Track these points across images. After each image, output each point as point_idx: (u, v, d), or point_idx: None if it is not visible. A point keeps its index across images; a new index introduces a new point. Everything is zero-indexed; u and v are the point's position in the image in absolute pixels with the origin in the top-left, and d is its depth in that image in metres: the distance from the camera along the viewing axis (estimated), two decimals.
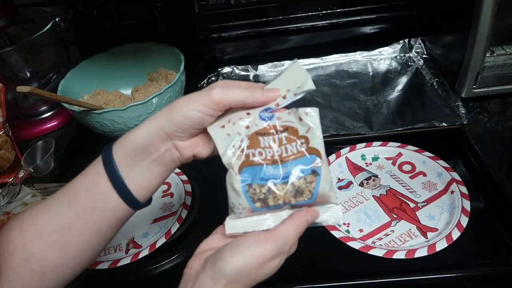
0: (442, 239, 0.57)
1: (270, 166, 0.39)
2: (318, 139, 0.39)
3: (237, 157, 0.39)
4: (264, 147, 0.39)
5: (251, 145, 0.40)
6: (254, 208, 0.39)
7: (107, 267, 0.60)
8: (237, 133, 0.40)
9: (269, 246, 0.38)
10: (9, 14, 0.82)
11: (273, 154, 0.39)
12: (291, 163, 0.39)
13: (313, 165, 0.39)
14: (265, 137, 0.40)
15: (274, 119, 0.40)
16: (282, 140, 0.40)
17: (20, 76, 0.86)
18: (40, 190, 0.74)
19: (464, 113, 0.74)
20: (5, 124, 0.77)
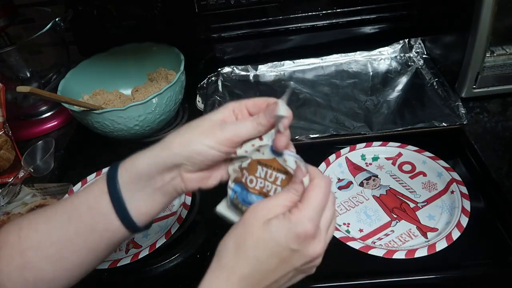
0: (442, 239, 0.57)
1: (253, 195, 0.41)
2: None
3: (234, 171, 0.42)
4: (258, 177, 0.41)
5: (249, 169, 0.41)
6: (236, 212, 0.43)
7: (107, 267, 0.60)
8: (244, 151, 0.41)
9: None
10: (9, 14, 0.82)
11: (263, 186, 0.41)
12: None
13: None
14: (264, 168, 0.41)
15: (281, 159, 0.40)
16: (277, 180, 0.40)
17: (20, 76, 0.86)
18: (40, 190, 0.74)
19: (464, 113, 0.74)
20: (5, 124, 0.77)
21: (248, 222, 0.37)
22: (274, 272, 0.37)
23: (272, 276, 0.37)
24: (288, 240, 0.36)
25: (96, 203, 0.41)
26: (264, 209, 0.37)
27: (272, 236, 0.36)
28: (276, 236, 0.36)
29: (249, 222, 0.37)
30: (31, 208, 0.72)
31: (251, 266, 0.36)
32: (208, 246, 0.64)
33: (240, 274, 0.36)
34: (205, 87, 0.92)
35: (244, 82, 0.94)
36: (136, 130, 0.76)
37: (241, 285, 0.36)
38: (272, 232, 0.36)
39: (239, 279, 0.36)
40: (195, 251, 0.63)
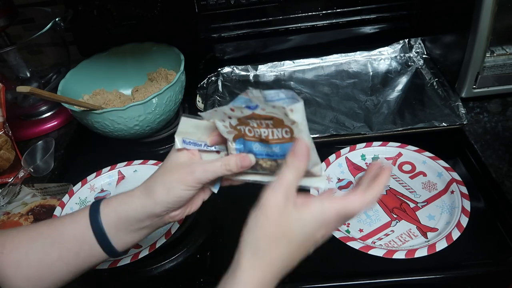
0: (442, 239, 0.57)
1: (257, 143, 0.44)
2: (302, 132, 0.41)
3: (228, 132, 0.45)
4: (253, 127, 0.43)
5: (241, 123, 0.44)
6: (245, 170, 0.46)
7: (107, 267, 0.60)
8: (227, 117, 0.44)
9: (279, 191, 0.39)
10: (9, 14, 0.82)
11: (260, 134, 0.43)
12: (276, 146, 0.43)
13: None
14: (252, 120, 0.43)
15: (258, 109, 0.41)
16: (269, 125, 0.42)
17: (20, 76, 0.86)
18: (40, 190, 0.74)
19: (464, 113, 0.74)
20: (5, 124, 0.77)
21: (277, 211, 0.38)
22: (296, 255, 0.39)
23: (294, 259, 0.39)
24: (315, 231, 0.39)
25: (82, 235, 0.44)
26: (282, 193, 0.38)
27: (302, 229, 0.38)
28: (306, 229, 0.38)
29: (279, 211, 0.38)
30: (31, 208, 0.72)
31: (285, 252, 0.38)
32: (208, 246, 0.64)
33: (280, 264, 0.38)
34: (205, 87, 0.92)
35: (244, 82, 0.94)
36: (136, 130, 0.76)
37: (274, 277, 0.38)
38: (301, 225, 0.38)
39: (279, 269, 0.38)
40: (195, 251, 0.63)
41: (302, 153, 0.40)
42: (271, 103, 0.40)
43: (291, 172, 0.39)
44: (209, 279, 0.59)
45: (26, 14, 0.94)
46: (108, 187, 0.75)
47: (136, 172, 0.75)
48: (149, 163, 0.76)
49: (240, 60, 0.96)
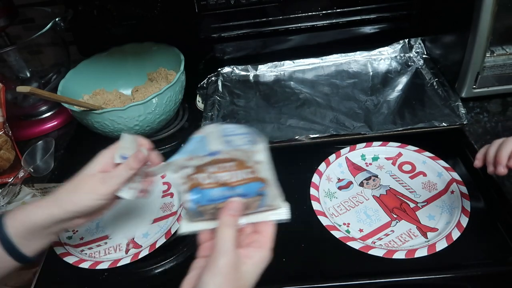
0: (442, 239, 0.57)
1: (217, 189, 0.42)
2: (266, 170, 0.42)
3: (183, 183, 0.43)
4: (211, 172, 0.42)
5: (198, 171, 0.42)
6: (205, 218, 0.44)
7: (107, 267, 0.60)
8: (183, 167, 0.42)
9: (225, 256, 0.40)
10: (9, 14, 0.82)
11: (220, 179, 0.42)
12: (239, 187, 0.42)
13: (259, 189, 0.43)
14: (211, 166, 0.42)
15: (220, 154, 0.41)
16: (230, 168, 0.42)
17: (20, 76, 0.86)
18: (40, 190, 0.74)
19: (464, 113, 0.74)
20: (5, 124, 0.77)
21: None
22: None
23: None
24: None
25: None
26: (232, 252, 0.40)
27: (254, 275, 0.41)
28: (256, 274, 0.42)
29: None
30: None
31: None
32: None
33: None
34: (205, 87, 0.92)
35: (244, 82, 0.94)
36: (136, 130, 0.76)
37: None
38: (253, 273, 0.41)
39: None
40: (195, 251, 0.63)
41: (236, 210, 0.42)
42: (231, 143, 0.41)
43: (229, 230, 0.41)
44: None
45: (26, 14, 0.94)
46: None
47: None
48: (149, 163, 0.76)
49: (240, 60, 0.96)
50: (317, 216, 0.62)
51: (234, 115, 0.85)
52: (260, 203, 0.44)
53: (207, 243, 0.44)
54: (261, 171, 0.42)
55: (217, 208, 0.43)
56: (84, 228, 0.68)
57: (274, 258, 0.60)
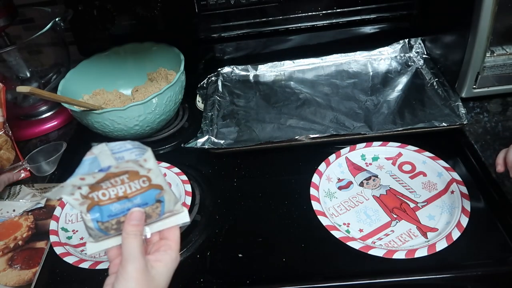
0: (442, 239, 0.57)
1: (116, 203, 0.43)
2: (159, 177, 0.43)
3: (80, 204, 0.42)
4: (107, 188, 0.42)
5: (93, 190, 0.42)
6: (109, 235, 0.44)
7: (107, 267, 0.60)
8: (76, 188, 0.42)
9: (133, 262, 0.41)
10: (9, 14, 0.82)
11: (117, 193, 0.42)
12: (136, 197, 0.43)
13: (157, 196, 0.44)
14: (105, 182, 0.42)
15: (111, 169, 0.41)
16: (124, 180, 0.42)
17: (20, 76, 0.86)
18: (40, 190, 0.74)
19: (464, 113, 0.74)
20: (5, 124, 0.77)
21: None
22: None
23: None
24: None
25: None
26: (140, 260, 0.42)
27: (166, 276, 0.44)
28: (169, 275, 0.44)
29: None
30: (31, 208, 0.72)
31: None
32: (208, 246, 0.64)
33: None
34: (205, 87, 0.92)
35: (244, 82, 0.94)
36: (136, 130, 0.76)
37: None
38: (166, 275, 0.44)
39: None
40: (195, 251, 0.63)
41: (138, 220, 0.43)
42: (122, 159, 0.41)
43: (134, 239, 0.42)
44: (209, 279, 0.59)
45: (26, 14, 0.94)
46: None
47: None
48: None
49: (240, 60, 0.96)
50: (317, 216, 0.62)
51: (234, 115, 0.85)
52: (161, 210, 0.45)
53: (117, 259, 0.45)
54: (154, 179, 0.43)
55: (120, 222, 0.43)
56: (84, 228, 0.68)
57: (274, 258, 0.60)
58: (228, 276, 0.59)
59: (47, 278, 0.62)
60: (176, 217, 0.47)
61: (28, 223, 0.69)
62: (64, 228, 0.68)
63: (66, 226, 0.68)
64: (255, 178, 0.74)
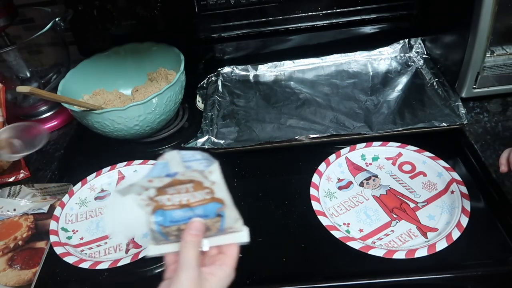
0: (442, 239, 0.57)
1: (178, 210, 0.44)
2: (222, 191, 0.43)
3: (147, 205, 0.44)
4: (172, 194, 0.43)
5: (159, 194, 0.43)
6: (169, 240, 0.46)
7: (107, 267, 0.60)
8: (144, 189, 0.43)
9: (187, 271, 0.42)
10: (9, 14, 0.82)
11: (180, 200, 0.44)
12: (198, 208, 0.44)
13: (218, 210, 0.44)
14: (171, 188, 0.43)
15: (178, 175, 0.42)
16: (189, 189, 0.43)
17: (20, 76, 0.86)
18: (40, 190, 0.74)
19: (464, 113, 0.74)
20: (5, 124, 0.77)
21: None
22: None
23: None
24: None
25: None
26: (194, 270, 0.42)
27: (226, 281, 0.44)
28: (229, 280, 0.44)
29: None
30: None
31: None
32: None
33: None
34: (205, 87, 0.92)
35: (244, 82, 0.94)
36: (136, 130, 0.76)
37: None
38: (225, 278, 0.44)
39: None
40: None
41: (198, 231, 0.44)
42: (190, 168, 0.42)
43: (191, 248, 0.43)
44: None
45: (26, 14, 0.94)
46: (108, 187, 0.75)
47: (136, 172, 0.75)
48: (149, 163, 0.76)
49: (240, 60, 0.96)
50: (317, 216, 0.62)
51: (234, 115, 0.85)
52: (221, 225, 0.45)
53: (173, 265, 0.45)
54: (217, 192, 0.43)
55: (180, 230, 0.44)
56: (84, 228, 0.68)
57: (274, 258, 0.60)
58: None
59: (47, 278, 0.62)
60: (235, 235, 0.47)
61: (28, 223, 0.69)
62: (64, 228, 0.68)
63: (66, 226, 0.68)
64: (255, 178, 0.74)
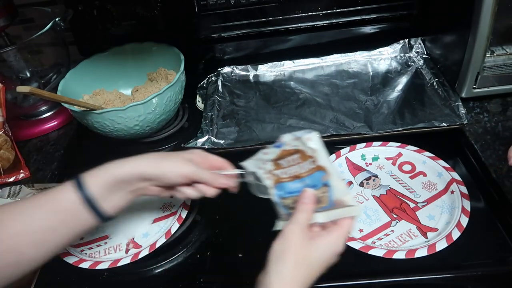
0: (442, 239, 0.57)
1: (292, 182, 0.49)
2: (323, 158, 0.47)
3: (267, 178, 0.50)
4: (285, 167, 0.49)
5: (276, 167, 0.49)
6: (289, 213, 0.49)
7: (107, 267, 0.60)
8: (263, 162, 0.50)
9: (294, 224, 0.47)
10: (9, 14, 0.82)
11: (292, 172, 0.48)
12: (306, 178, 0.48)
13: (322, 178, 0.47)
14: (283, 160, 0.48)
15: (284, 146, 0.48)
16: (296, 160, 0.48)
17: (20, 76, 0.86)
18: (40, 190, 0.74)
19: (464, 113, 0.74)
20: (5, 124, 0.77)
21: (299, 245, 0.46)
22: (315, 275, 0.47)
23: (312, 278, 0.46)
24: (332, 257, 0.47)
25: (75, 203, 0.49)
26: (298, 230, 0.47)
27: (322, 255, 0.47)
28: (325, 255, 0.47)
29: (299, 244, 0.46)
30: None
31: (304, 274, 0.46)
32: (208, 246, 0.64)
33: (297, 281, 0.45)
34: (205, 87, 0.92)
35: (244, 82, 0.94)
36: (136, 130, 0.76)
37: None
38: (322, 251, 0.47)
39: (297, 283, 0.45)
40: (195, 251, 0.63)
41: (309, 199, 0.48)
42: (294, 137, 0.47)
43: (301, 215, 0.47)
44: (209, 279, 0.59)
45: (26, 14, 0.94)
46: None
47: None
48: None
49: (240, 60, 0.96)
50: None
51: (234, 115, 0.85)
52: (329, 196, 0.48)
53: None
54: (319, 160, 0.47)
55: (295, 201, 0.48)
56: None
57: None
58: (228, 276, 0.59)
59: (47, 278, 0.62)
60: (348, 209, 0.48)
61: None
62: None
63: None
64: None
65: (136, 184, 0.52)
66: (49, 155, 0.83)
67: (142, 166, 0.52)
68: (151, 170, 0.52)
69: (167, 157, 0.54)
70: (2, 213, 0.48)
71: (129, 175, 0.51)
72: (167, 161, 0.53)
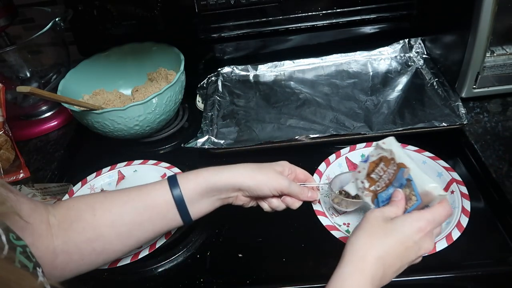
0: (442, 239, 0.57)
1: (385, 191, 0.52)
2: (399, 155, 0.51)
3: (365, 195, 0.53)
4: (377, 180, 0.53)
5: (371, 184, 0.53)
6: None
7: (107, 267, 0.60)
8: (358, 180, 0.55)
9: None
10: (9, 14, 0.82)
11: (384, 181, 0.52)
12: (394, 181, 0.51)
13: (404, 175, 0.50)
14: (374, 174, 0.53)
15: (370, 158, 0.53)
16: (383, 169, 0.52)
17: (20, 76, 0.86)
18: (40, 190, 0.74)
19: (464, 113, 0.74)
20: (5, 124, 0.77)
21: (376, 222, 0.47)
22: (399, 257, 0.45)
23: (397, 261, 0.45)
24: (412, 232, 0.45)
25: (166, 203, 0.52)
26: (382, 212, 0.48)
27: (400, 228, 0.46)
28: (404, 228, 0.46)
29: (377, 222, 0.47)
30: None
31: (383, 249, 0.45)
32: (208, 246, 0.64)
33: (374, 254, 0.44)
34: (205, 87, 0.92)
35: (244, 82, 0.94)
36: (136, 130, 0.76)
37: (376, 264, 0.44)
38: (399, 226, 0.46)
39: (375, 258, 0.44)
40: (195, 251, 0.63)
41: (396, 197, 0.49)
42: (374, 146, 0.52)
43: (388, 207, 0.49)
44: (209, 279, 0.59)
45: (26, 14, 0.94)
46: (108, 187, 0.75)
47: (136, 172, 0.75)
48: (149, 163, 0.76)
49: (240, 60, 0.96)
50: (317, 216, 0.62)
51: (234, 115, 0.85)
52: (415, 190, 0.49)
53: None
54: (397, 158, 0.50)
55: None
56: None
57: (274, 258, 0.60)
58: (228, 276, 0.59)
59: None
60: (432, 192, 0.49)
61: None
62: None
63: None
64: None
65: (229, 193, 0.54)
66: (49, 155, 0.83)
67: (239, 176, 0.53)
68: (248, 181, 0.53)
69: (261, 169, 0.55)
70: (94, 202, 0.51)
71: (224, 184, 0.53)
72: (262, 174, 0.54)
